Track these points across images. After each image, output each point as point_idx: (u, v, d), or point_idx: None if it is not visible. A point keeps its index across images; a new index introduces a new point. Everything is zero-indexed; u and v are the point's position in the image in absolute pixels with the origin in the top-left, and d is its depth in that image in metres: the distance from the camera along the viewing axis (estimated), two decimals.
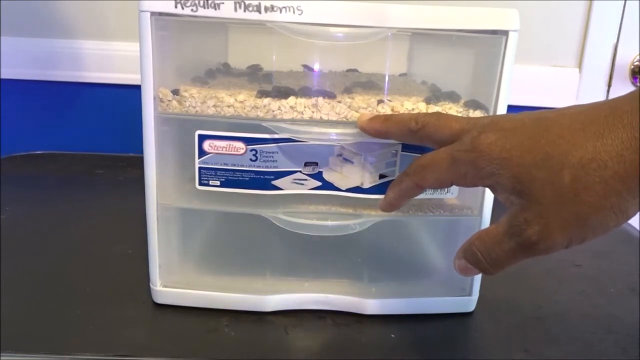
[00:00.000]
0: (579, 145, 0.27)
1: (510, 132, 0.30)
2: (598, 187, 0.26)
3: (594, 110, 0.28)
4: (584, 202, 0.27)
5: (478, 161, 0.30)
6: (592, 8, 0.81)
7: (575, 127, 0.28)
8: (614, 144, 0.26)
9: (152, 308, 0.44)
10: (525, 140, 0.29)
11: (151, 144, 0.41)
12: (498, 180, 0.30)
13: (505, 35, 0.39)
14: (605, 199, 0.27)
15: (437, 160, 0.33)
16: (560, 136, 0.28)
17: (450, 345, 0.42)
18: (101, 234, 0.58)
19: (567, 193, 0.27)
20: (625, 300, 0.49)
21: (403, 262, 0.51)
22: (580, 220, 0.28)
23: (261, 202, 0.42)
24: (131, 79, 0.80)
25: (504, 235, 0.30)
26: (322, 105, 0.40)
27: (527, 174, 0.28)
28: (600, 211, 0.27)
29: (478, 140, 0.31)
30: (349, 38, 0.39)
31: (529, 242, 0.29)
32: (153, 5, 0.38)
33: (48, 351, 0.38)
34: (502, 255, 0.31)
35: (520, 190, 0.29)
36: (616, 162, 0.26)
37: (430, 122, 0.35)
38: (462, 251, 0.33)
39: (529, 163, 0.28)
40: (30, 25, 0.81)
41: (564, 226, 0.28)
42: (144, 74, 0.39)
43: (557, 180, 0.27)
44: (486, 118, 0.33)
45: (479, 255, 0.32)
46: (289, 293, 0.44)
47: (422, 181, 0.35)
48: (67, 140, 0.87)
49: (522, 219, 0.29)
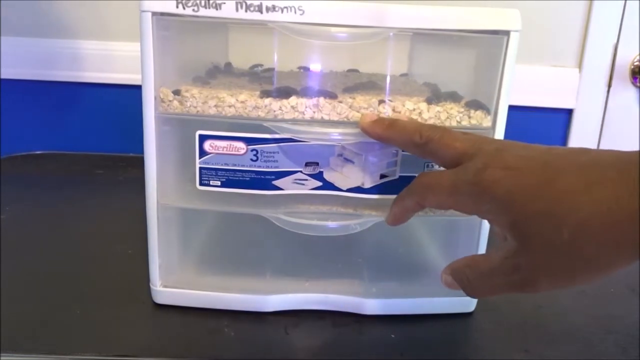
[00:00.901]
0: (581, 206, 0.27)
1: (516, 172, 0.30)
2: (592, 249, 0.27)
3: (602, 170, 0.27)
4: (576, 261, 0.27)
5: (480, 197, 0.31)
6: (592, 8, 0.81)
7: (582, 185, 0.27)
8: (616, 210, 0.26)
9: (152, 308, 0.44)
10: (530, 187, 0.29)
11: (152, 144, 0.41)
12: (497, 219, 0.31)
13: (507, 36, 0.39)
14: (597, 260, 0.27)
15: (440, 184, 0.33)
16: (565, 192, 0.28)
17: (450, 345, 0.42)
18: (101, 234, 0.58)
19: (562, 250, 0.27)
20: (625, 300, 0.49)
21: (403, 262, 0.51)
22: (568, 275, 0.28)
23: (262, 202, 0.42)
24: (132, 79, 0.80)
25: (494, 271, 0.31)
26: (323, 105, 0.40)
27: (526, 223, 0.29)
28: (589, 269, 0.28)
29: (483, 175, 0.30)
30: (350, 38, 0.39)
31: (516, 285, 0.30)
32: (154, 5, 0.38)
33: (48, 351, 0.38)
34: (488, 288, 0.32)
35: (517, 235, 0.29)
36: (614, 228, 0.26)
37: (434, 139, 0.35)
38: (452, 270, 0.34)
39: (530, 213, 0.28)
40: (30, 25, 0.81)
41: (552, 278, 0.29)
42: (145, 74, 0.39)
43: (555, 236, 0.27)
44: (492, 144, 0.33)
45: (466, 282, 0.33)
46: (289, 293, 0.44)
47: (423, 201, 0.35)
48: (67, 140, 0.87)
49: (513, 262, 0.30)
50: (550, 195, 0.28)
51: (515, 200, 0.29)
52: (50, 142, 0.86)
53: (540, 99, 0.84)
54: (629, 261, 0.27)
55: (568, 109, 0.86)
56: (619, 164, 0.27)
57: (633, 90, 0.84)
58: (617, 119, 0.85)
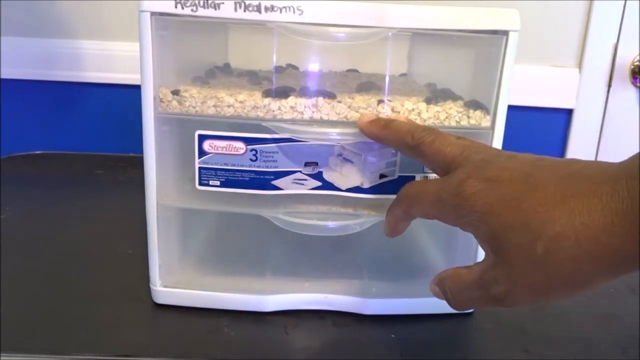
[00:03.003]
0: (557, 219, 0.26)
1: (496, 184, 0.30)
2: (569, 264, 0.26)
3: (579, 182, 0.27)
4: (552, 275, 0.27)
5: (460, 208, 0.31)
6: (592, 8, 0.81)
7: (558, 198, 0.27)
8: (591, 224, 0.25)
9: (152, 308, 0.44)
10: (508, 198, 0.29)
11: (151, 144, 0.41)
12: (476, 231, 0.30)
13: (506, 36, 0.39)
14: (573, 276, 0.27)
15: (424, 194, 0.34)
16: (541, 204, 0.27)
17: (450, 345, 0.42)
18: (101, 234, 0.58)
19: (538, 263, 0.27)
20: (625, 300, 0.49)
21: (403, 262, 0.51)
22: (546, 289, 0.28)
23: (261, 202, 0.42)
24: (131, 79, 0.80)
25: (473, 284, 0.31)
26: (322, 105, 0.40)
27: (503, 235, 0.28)
28: (566, 285, 0.27)
29: (463, 186, 0.30)
30: (349, 38, 0.39)
31: (494, 299, 0.30)
32: (153, 5, 0.38)
33: (48, 351, 0.38)
34: (468, 301, 0.32)
35: (495, 248, 0.29)
36: (590, 243, 0.25)
37: (425, 142, 0.35)
38: (437, 281, 0.34)
39: (506, 224, 0.28)
40: (30, 25, 0.81)
41: (530, 292, 0.28)
42: (144, 74, 0.39)
43: (530, 248, 0.27)
44: (480, 154, 0.32)
45: (448, 294, 0.33)
46: (289, 293, 0.44)
47: (410, 210, 0.35)
48: (67, 140, 0.87)
49: (491, 275, 0.29)
50: (526, 206, 0.28)
51: (493, 211, 0.29)
52: (50, 142, 0.86)
53: (540, 99, 0.84)
54: (610, 277, 0.26)
55: (568, 109, 0.86)
56: (598, 176, 0.26)
57: (633, 90, 0.84)
58: (617, 119, 0.85)
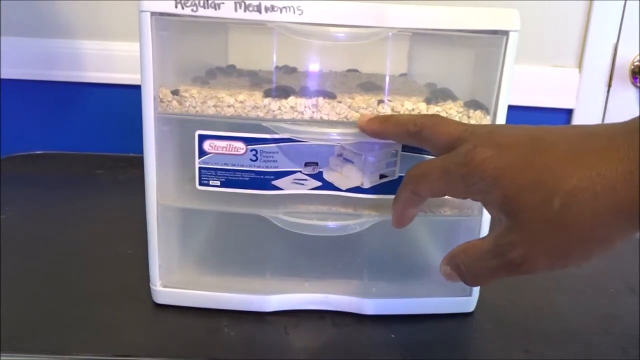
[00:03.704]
0: (573, 174, 0.26)
1: (505, 149, 0.29)
2: (587, 218, 0.26)
3: (592, 139, 0.27)
4: (571, 232, 0.27)
5: (469, 177, 0.30)
6: (592, 8, 0.81)
7: (571, 154, 0.27)
8: (608, 175, 0.25)
9: (152, 308, 0.44)
10: (519, 161, 0.28)
11: (151, 144, 0.41)
12: (488, 198, 0.30)
13: (506, 36, 0.39)
14: (593, 230, 0.26)
15: (430, 170, 0.33)
16: (555, 162, 0.27)
17: (450, 345, 0.42)
18: (101, 234, 0.58)
19: (556, 221, 0.27)
20: (625, 300, 0.49)
21: (403, 262, 0.51)
22: (565, 249, 0.27)
23: (261, 202, 0.42)
24: (131, 79, 0.80)
25: (488, 253, 0.30)
26: (323, 105, 0.40)
27: (517, 196, 0.28)
28: (586, 242, 0.27)
29: (472, 154, 0.30)
30: (349, 38, 0.39)
31: (512, 265, 0.29)
32: (153, 5, 0.38)
33: (48, 351, 0.38)
34: (484, 272, 0.31)
35: (509, 211, 0.29)
36: (608, 194, 0.25)
37: (428, 125, 0.35)
38: (448, 259, 0.33)
39: (520, 185, 0.28)
40: (30, 25, 0.81)
41: (548, 253, 0.28)
42: (144, 74, 0.39)
43: (546, 206, 0.27)
44: (484, 127, 0.33)
45: (462, 268, 0.32)
46: (289, 293, 0.44)
47: (417, 189, 0.35)
48: (67, 140, 0.87)
49: (507, 240, 0.29)
50: (539, 166, 0.27)
51: (505, 175, 0.28)
52: (50, 142, 0.86)
53: (540, 99, 0.84)
54: (629, 232, 0.26)
55: (568, 109, 0.86)
56: (610, 131, 0.27)
57: (633, 90, 0.84)
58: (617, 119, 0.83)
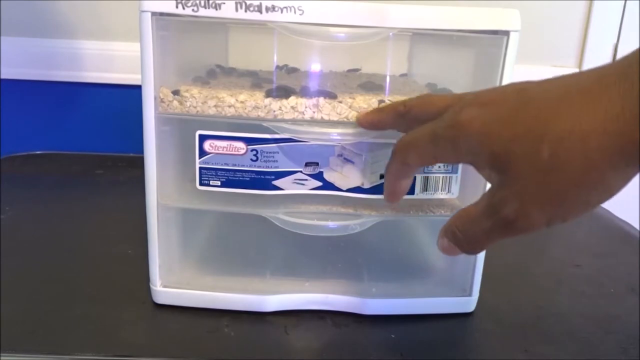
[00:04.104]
0: (560, 117, 0.25)
1: (491, 105, 0.29)
2: (578, 161, 0.25)
3: (579, 80, 0.26)
4: (563, 178, 0.26)
5: (457, 138, 0.30)
6: (592, 8, 0.81)
7: (558, 100, 0.26)
8: (597, 115, 0.24)
9: (152, 308, 0.44)
10: (505, 114, 0.28)
11: (152, 144, 0.41)
12: (478, 157, 0.29)
13: (506, 36, 0.39)
14: (585, 174, 0.25)
15: (418, 137, 0.33)
16: (541, 108, 0.26)
17: (450, 345, 0.42)
18: (101, 234, 0.58)
19: (546, 168, 0.26)
20: (625, 300, 0.49)
21: (403, 262, 0.51)
22: (559, 197, 0.26)
23: (262, 202, 0.42)
24: (131, 79, 0.80)
25: (482, 214, 0.29)
26: (323, 106, 0.40)
27: (505, 149, 0.27)
28: (580, 187, 0.26)
29: (459, 116, 0.30)
30: (349, 38, 0.39)
31: (506, 221, 0.28)
32: (154, 5, 0.38)
33: (48, 351, 0.38)
34: (480, 234, 0.30)
35: (499, 167, 0.28)
36: (599, 134, 0.24)
37: (417, 104, 0.35)
38: (444, 230, 0.33)
39: (507, 137, 0.27)
40: (30, 25, 0.81)
41: (543, 204, 0.27)
42: (145, 74, 0.39)
43: (535, 154, 0.26)
44: (471, 93, 0.32)
45: (458, 234, 0.31)
46: (289, 293, 0.44)
47: (406, 159, 0.34)
48: (67, 140, 0.87)
49: (499, 197, 0.28)
50: (525, 116, 0.27)
51: (492, 130, 0.28)
52: (50, 142, 0.86)
53: None
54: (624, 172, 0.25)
55: None
56: (597, 73, 0.26)
57: None
58: None
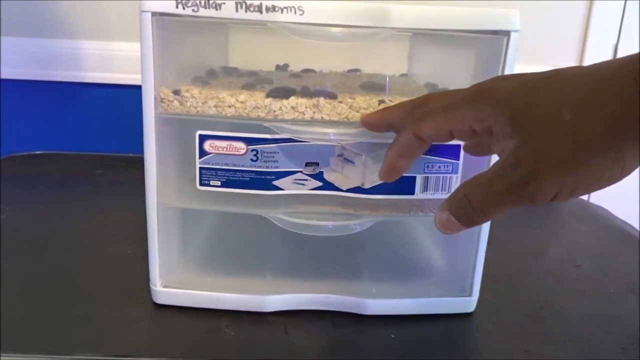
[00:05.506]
0: (580, 85, 0.27)
1: (512, 77, 0.31)
2: (595, 127, 0.26)
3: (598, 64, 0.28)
4: (580, 140, 0.26)
5: (477, 102, 0.30)
6: (592, 8, 0.81)
7: (578, 73, 0.28)
8: (615, 85, 0.26)
9: (152, 308, 0.44)
10: (528, 83, 0.29)
11: (152, 144, 0.41)
12: (495, 122, 0.29)
13: (507, 36, 0.39)
14: (601, 141, 0.26)
15: (434, 108, 0.33)
16: (563, 79, 0.28)
17: (450, 345, 0.42)
18: (101, 234, 0.58)
19: (565, 130, 0.27)
20: (625, 300, 0.49)
21: (403, 262, 0.51)
22: (573, 161, 0.27)
23: (262, 202, 0.42)
24: (132, 79, 0.80)
25: (493, 177, 0.29)
26: (323, 106, 0.40)
27: (525, 112, 0.28)
28: (595, 154, 0.26)
29: (481, 85, 0.31)
30: (350, 38, 0.39)
31: (518, 184, 0.28)
32: (154, 5, 0.38)
33: (48, 351, 0.38)
34: (490, 198, 0.30)
35: (517, 128, 0.28)
36: (616, 102, 0.25)
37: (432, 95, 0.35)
38: (448, 201, 0.32)
39: (530, 101, 0.28)
40: (30, 25, 0.81)
41: (557, 167, 0.27)
42: (145, 74, 0.39)
43: (556, 115, 0.27)
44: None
45: (466, 202, 0.30)
46: (289, 293, 0.44)
47: (419, 130, 0.33)
48: (67, 140, 0.87)
49: (513, 159, 0.28)
50: (547, 83, 0.28)
51: (514, 94, 0.29)
52: (50, 142, 0.86)
53: None
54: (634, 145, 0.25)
55: None
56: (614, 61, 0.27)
57: None
58: None
